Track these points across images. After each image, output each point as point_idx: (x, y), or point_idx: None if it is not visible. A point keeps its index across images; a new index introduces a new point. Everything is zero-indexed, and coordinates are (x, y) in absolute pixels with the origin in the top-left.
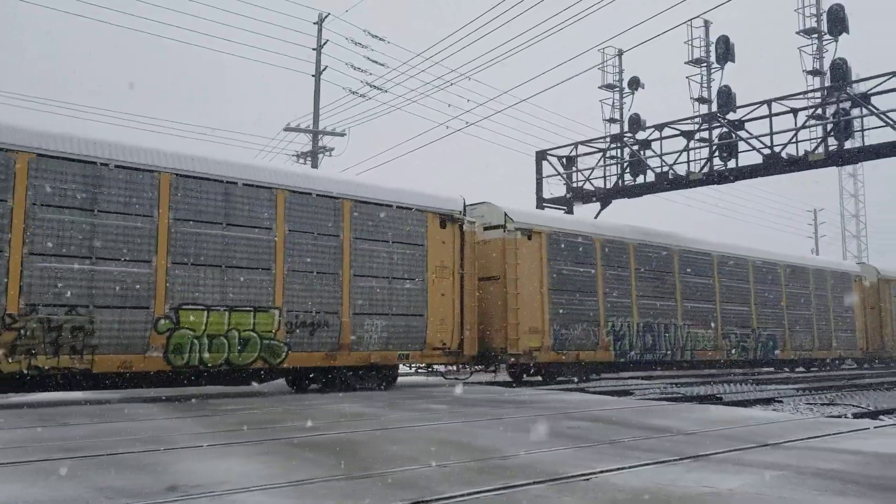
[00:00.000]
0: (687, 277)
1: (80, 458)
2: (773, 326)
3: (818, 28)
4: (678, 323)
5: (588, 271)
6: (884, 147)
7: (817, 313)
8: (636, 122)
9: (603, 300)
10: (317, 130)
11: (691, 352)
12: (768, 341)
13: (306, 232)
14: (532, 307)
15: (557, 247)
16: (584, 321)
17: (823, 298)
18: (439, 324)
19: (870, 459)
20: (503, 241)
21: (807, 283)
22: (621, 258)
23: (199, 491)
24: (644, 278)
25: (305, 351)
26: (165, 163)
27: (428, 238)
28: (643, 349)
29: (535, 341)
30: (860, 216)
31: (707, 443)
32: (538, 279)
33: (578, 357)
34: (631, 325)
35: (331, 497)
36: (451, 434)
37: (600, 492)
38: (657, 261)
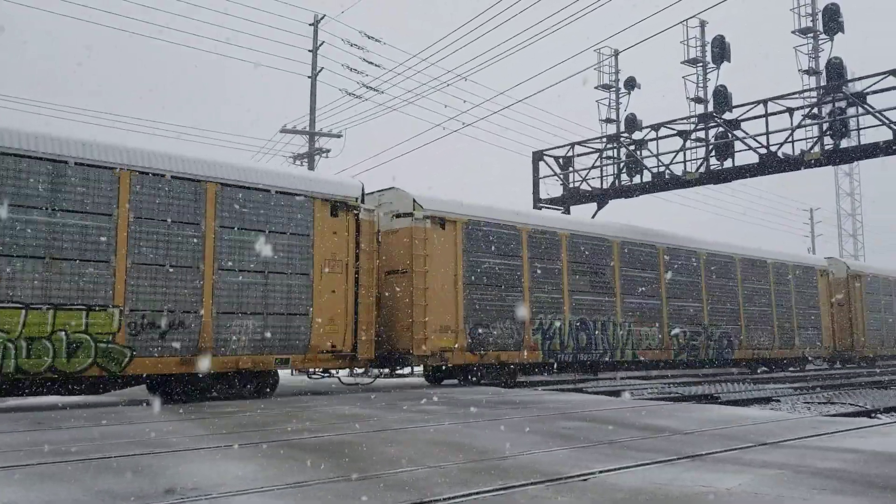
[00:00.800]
0: (629, 271)
1: (76, 462)
2: (728, 324)
3: (814, 27)
4: (618, 320)
5: (512, 264)
6: (880, 146)
7: (778, 310)
8: (632, 123)
9: (529, 296)
10: (313, 132)
11: (633, 351)
12: (722, 340)
13: (158, 219)
14: (444, 304)
15: (476, 237)
16: (508, 319)
17: (785, 294)
18: (328, 324)
19: (868, 458)
20: (411, 231)
21: (766, 277)
22: (552, 250)
23: (196, 493)
24: (579, 272)
25: (156, 356)
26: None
27: (315, 227)
28: (576, 349)
29: (447, 341)
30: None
31: (705, 442)
32: (453, 273)
33: (500, 358)
34: (562, 323)
35: (328, 499)
36: (448, 435)
37: (598, 492)
38: (594, 253)
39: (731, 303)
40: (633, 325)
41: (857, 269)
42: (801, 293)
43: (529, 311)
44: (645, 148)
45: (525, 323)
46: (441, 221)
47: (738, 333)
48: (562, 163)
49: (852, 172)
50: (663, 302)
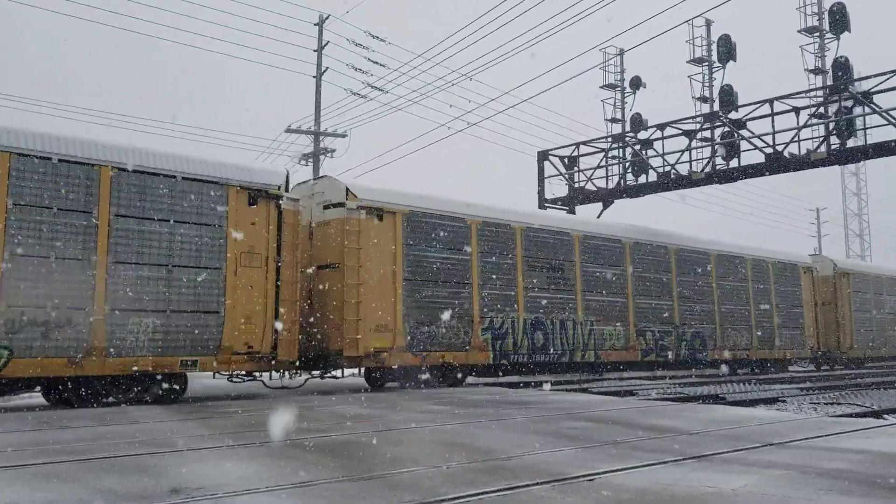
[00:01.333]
0: (591, 267)
1: (81, 462)
2: (702, 323)
3: (820, 27)
4: (579, 319)
5: (460, 259)
6: (886, 145)
7: (757, 309)
8: (638, 122)
9: (479, 292)
10: (318, 132)
11: (595, 352)
12: (694, 340)
13: (42, 206)
14: (382, 301)
15: (419, 229)
16: (454, 317)
17: (765, 292)
18: (243, 323)
19: (875, 459)
20: (343, 222)
21: (744, 274)
22: (505, 244)
23: (201, 493)
24: (535, 267)
25: (38, 357)
26: None
27: (229, 218)
28: (532, 349)
29: (383, 341)
30: (863, 215)
31: (711, 443)
32: (391, 268)
33: (444, 359)
34: (516, 322)
35: (333, 499)
36: (453, 435)
37: (604, 492)
38: (553, 248)
39: (706, 301)
40: (595, 325)
41: (845, 266)
42: (782, 291)
43: (479, 308)
44: (650, 148)
45: (474, 321)
46: (378, 212)
47: (712, 333)
48: (567, 163)
49: (859, 172)
50: (630, 300)
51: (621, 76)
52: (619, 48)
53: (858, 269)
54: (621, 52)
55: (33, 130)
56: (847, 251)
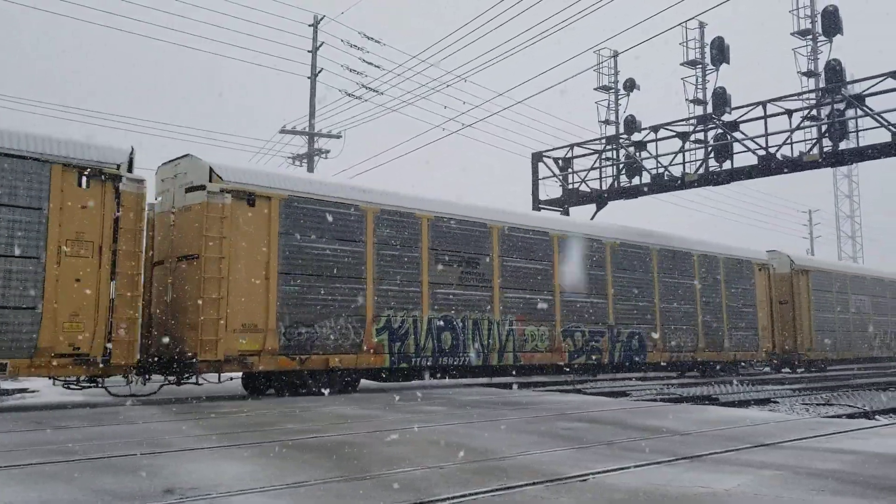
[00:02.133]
0: (513, 261)
1: (76, 462)
2: (641, 323)
3: (813, 29)
4: (496, 318)
5: (352, 250)
6: (878, 148)
7: (704, 308)
8: (631, 124)
9: (374, 288)
10: (312, 133)
11: (515, 354)
12: (631, 341)
13: None
14: (251, 297)
15: (300, 217)
16: (342, 315)
17: (714, 290)
18: (69, 320)
19: (867, 459)
20: (204, 207)
21: (691, 270)
22: (409, 235)
23: (195, 493)
24: (445, 261)
25: None
26: None
27: (51, 200)
28: (438, 351)
29: (251, 343)
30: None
31: (703, 443)
32: (264, 260)
33: (329, 363)
34: (419, 321)
35: (328, 499)
36: (448, 435)
37: (597, 492)
38: (467, 240)
39: (645, 299)
40: (516, 324)
41: (803, 263)
42: (734, 289)
43: (373, 306)
44: (644, 149)
45: (367, 321)
46: (249, 197)
47: (652, 333)
48: (561, 164)
49: (851, 174)
50: (557, 297)
51: (615, 78)
52: (613, 50)
53: (819, 267)
54: (615, 54)
55: None
56: (839, 253)
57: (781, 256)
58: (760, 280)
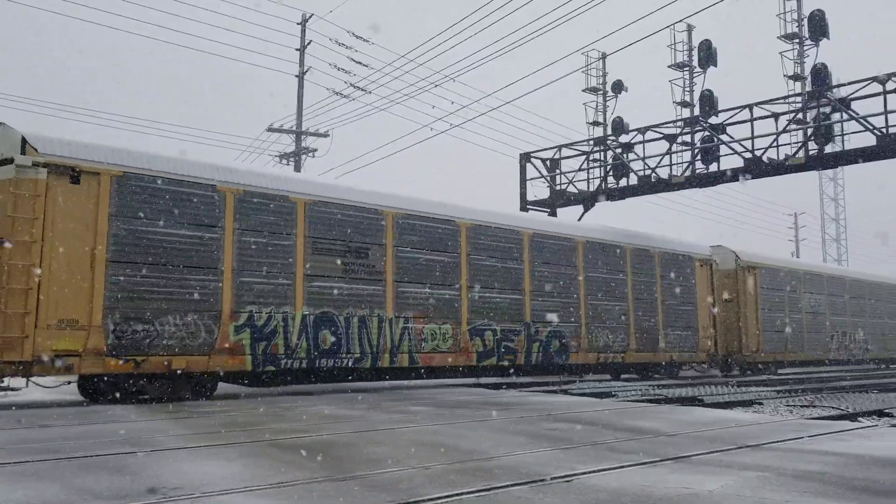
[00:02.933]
0: (410, 252)
1: (60, 460)
2: (563, 321)
3: (799, 33)
4: (388, 315)
5: (206, 237)
6: (863, 151)
7: (637, 305)
8: (619, 126)
9: (234, 280)
10: (300, 131)
11: (411, 355)
12: (552, 341)
13: None
14: (71, 288)
15: (136, 197)
16: (191, 311)
17: (648, 286)
18: None
19: (850, 461)
20: (12, 184)
21: (621, 265)
22: (280, 220)
23: (179, 493)
24: (326, 251)
25: None
26: None
27: None
28: (315, 352)
29: (71, 341)
30: (840, 220)
31: (688, 444)
32: (90, 246)
33: (171, 365)
34: (291, 318)
35: (312, 499)
36: (433, 436)
37: (581, 493)
38: (355, 228)
39: (568, 295)
40: (412, 322)
41: (750, 259)
42: (670, 286)
43: (232, 300)
44: (631, 151)
45: (223, 317)
46: (73, 173)
47: (576, 333)
48: (549, 165)
49: (836, 178)
50: (463, 292)
51: (603, 80)
52: (601, 52)
53: (768, 263)
54: (603, 55)
55: None
56: (824, 256)
57: (726, 252)
58: (702, 276)
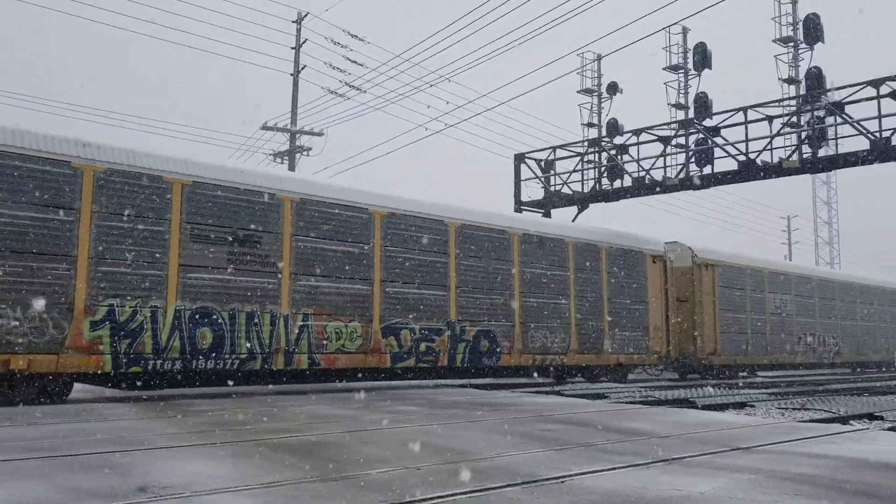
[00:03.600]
0: (311, 242)
1: (48, 459)
2: (493, 320)
3: (794, 37)
4: (283, 311)
5: (56, 220)
6: (857, 155)
7: (580, 303)
8: (614, 127)
9: (90, 268)
10: (294, 130)
11: (311, 356)
12: (480, 341)
13: None
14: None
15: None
16: (35, 303)
17: (593, 283)
18: None
19: (840, 464)
20: None
21: (563, 260)
22: (149, 203)
23: (169, 492)
24: (207, 239)
25: None
26: None
27: None
28: (191, 352)
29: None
30: (833, 223)
31: (680, 446)
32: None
33: (10, 365)
34: (162, 313)
35: (303, 499)
36: (426, 436)
37: (574, 494)
38: (244, 213)
39: (501, 291)
40: (312, 319)
41: (707, 256)
42: (618, 283)
43: (86, 291)
44: (626, 153)
45: (76, 310)
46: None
47: (509, 333)
48: (543, 166)
49: (830, 181)
50: (376, 288)
51: (598, 81)
52: (596, 53)
53: (728, 261)
54: (598, 57)
55: None
56: (817, 259)
57: (682, 248)
58: (654, 273)
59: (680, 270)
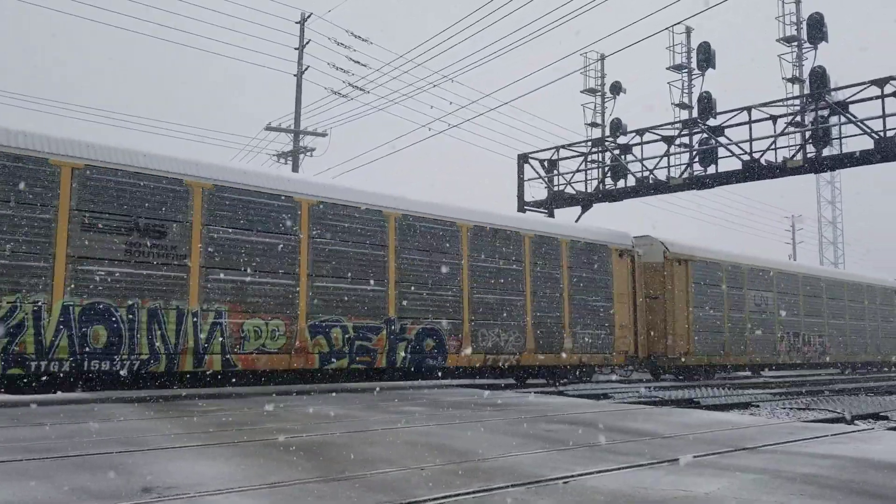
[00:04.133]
0: (225, 232)
1: (53, 459)
2: (438, 317)
3: (798, 36)
4: (191, 307)
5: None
6: (861, 155)
7: (538, 299)
8: (617, 127)
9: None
10: (298, 130)
11: (225, 356)
12: (423, 340)
13: None
14: None
15: None
16: None
17: (552, 278)
18: None
19: (845, 464)
20: None
21: (519, 254)
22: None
23: (173, 493)
24: (101, 228)
25: None
26: None
27: None
28: (80, 353)
29: None
30: (837, 223)
31: (684, 446)
32: None
33: None
34: (47, 309)
35: (308, 499)
36: (429, 436)
37: (578, 494)
38: (147, 202)
39: (448, 287)
40: (227, 316)
41: (681, 251)
42: (581, 279)
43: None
44: (629, 153)
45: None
46: None
47: (457, 331)
48: (546, 166)
49: (834, 181)
50: (302, 282)
51: (601, 81)
52: (599, 53)
53: (702, 256)
54: (602, 56)
55: None
56: (821, 259)
57: (653, 242)
58: (621, 269)
59: (651, 266)
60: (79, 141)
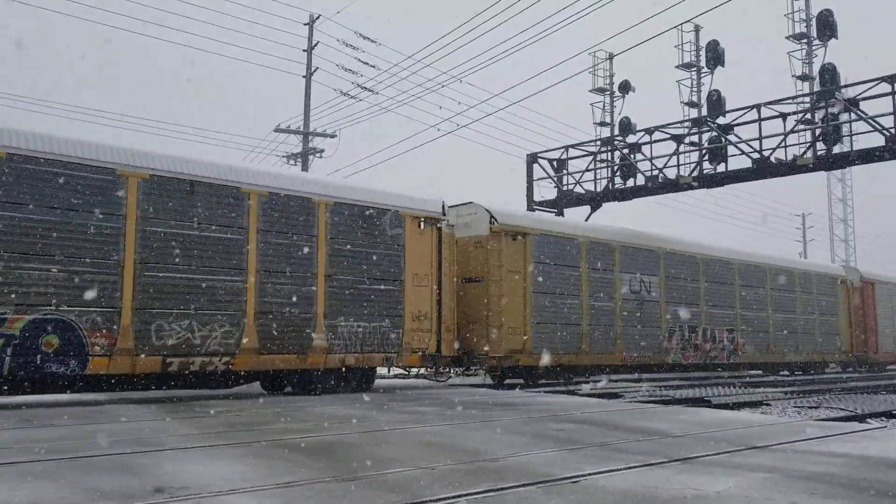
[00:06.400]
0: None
1: (65, 460)
2: (73, 305)
3: (808, 33)
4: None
5: None
6: (872, 152)
7: (269, 279)
8: (626, 126)
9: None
10: (307, 132)
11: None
12: (41, 336)
13: None
14: None
15: None
16: None
17: (298, 253)
18: None
19: (857, 463)
20: None
21: (239, 218)
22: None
23: (185, 493)
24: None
25: None
26: None
27: None
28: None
29: None
30: (848, 220)
31: (695, 445)
32: None
33: None
34: None
35: (319, 499)
36: (439, 436)
37: (588, 494)
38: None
39: (96, 262)
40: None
41: (518, 222)
42: (349, 254)
43: None
44: (639, 151)
45: None
46: None
47: (108, 323)
48: (556, 165)
49: (844, 178)
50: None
51: (610, 80)
52: (608, 52)
53: (547, 228)
54: (610, 56)
55: None
56: (832, 257)
57: (476, 211)
58: (419, 243)
59: (472, 241)
60: None
